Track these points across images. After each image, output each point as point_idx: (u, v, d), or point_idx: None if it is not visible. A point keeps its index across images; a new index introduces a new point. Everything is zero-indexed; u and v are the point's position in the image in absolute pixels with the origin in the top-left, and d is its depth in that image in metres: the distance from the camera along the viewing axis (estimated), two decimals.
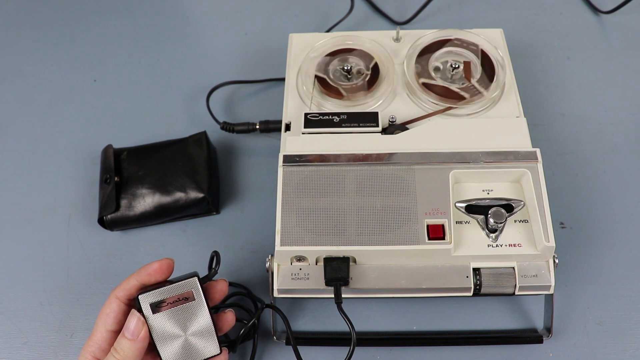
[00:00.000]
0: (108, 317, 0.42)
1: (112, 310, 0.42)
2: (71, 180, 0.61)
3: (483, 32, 0.57)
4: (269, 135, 0.63)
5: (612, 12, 0.72)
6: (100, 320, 0.42)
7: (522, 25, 0.72)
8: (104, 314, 0.42)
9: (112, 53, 0.73)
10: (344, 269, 0.44)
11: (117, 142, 0.60)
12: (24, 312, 0.53)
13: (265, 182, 0.60)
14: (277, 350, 0.50)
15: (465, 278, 0.44)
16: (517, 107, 0.52)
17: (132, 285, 0.43)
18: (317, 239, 0.44)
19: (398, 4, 0.75)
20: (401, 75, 0.55)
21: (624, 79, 0.67)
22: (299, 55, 0.57)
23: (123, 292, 0.42)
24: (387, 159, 0.47)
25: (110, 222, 0.55)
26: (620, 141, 0.61)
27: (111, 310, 0.42)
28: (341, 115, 0.51)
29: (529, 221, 0.46)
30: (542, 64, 0.68)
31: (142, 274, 0.43)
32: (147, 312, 0.41)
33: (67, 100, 0.68)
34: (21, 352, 0.51)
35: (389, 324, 0.51)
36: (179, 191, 0.55)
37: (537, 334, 0.49)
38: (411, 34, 0.59)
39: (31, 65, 0.72)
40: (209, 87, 0.66)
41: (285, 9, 0.76)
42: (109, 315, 0.42)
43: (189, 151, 0.57)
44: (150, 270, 0.43)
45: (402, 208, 0.45)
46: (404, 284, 0.45)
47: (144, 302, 0.41)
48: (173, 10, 0.77)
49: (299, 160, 0.48)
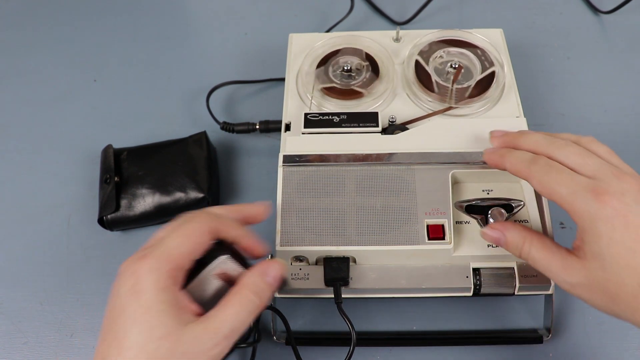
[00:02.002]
0: (197, 248, 0.37)
1: (203, 244, 0.37)
2: (71, 180, 0.61)
3: (483, 32, 0.57)
4: (269, 135, 0.63)
5: (612, 12, 0.72)
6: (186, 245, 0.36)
7: (522, 25, 0.73)
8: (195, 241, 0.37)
9: (112, 53, 0.73)
10: (344, 269, 0.44)
11: (117, 142, 0.60)
12: (24, 312, 0.53)
13: (265, 182, 0.60)
14: (277, 351, 0.50)
15: (465, 278, 0.44)
16: (517, 107, 0.52)
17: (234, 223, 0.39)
18: (317, 239, 0.44)
19: (398, 4, 0.75)
20: (401, 75, 0.55)
21: (624, 79, 0.67)
22: (299, 55, 0.57)
23: (224, 227, 0.39)
24: (387, 159, 0.47)
25: (110, 222, 0.55)
26: (620, 141, 0.61)
27: (202, 243, 0.37)
28: (341, 115, 0.51)
29: (529, 221, 0.46)
30: (542, 64, 0.68)
31: (246, 216, 0.40)
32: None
33: (67, 100, 0.68)
34: (21, 352, 0.51)
35: (389, 324, 0.51)
36: (179, 191, 0.55)
37: (537, 334, 0.49)
38: (411, 34, 0.59)
39: (31, 65, 0.72)
40: (209, 87, 0.66)
41: (285, 9, 0.76)
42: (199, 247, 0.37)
43: (189, 151, 0.57)
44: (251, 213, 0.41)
45: (402, 208, 0.45)
46: (404, 284, 0.45)
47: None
48: (173, 10, 0.77)
49: (299, 160, 0.48)
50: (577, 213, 0.36)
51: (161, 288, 0.35)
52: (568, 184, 0.36)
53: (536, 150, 0.40)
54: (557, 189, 0.37)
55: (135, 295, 0.34)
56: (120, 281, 0.36)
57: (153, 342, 0.33)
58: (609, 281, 0.35)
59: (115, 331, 0.34)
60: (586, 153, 0.38)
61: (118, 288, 0.36)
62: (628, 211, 0.34)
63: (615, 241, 0.34)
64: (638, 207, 0.35)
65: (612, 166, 0.37)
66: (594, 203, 0.35)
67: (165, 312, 0.34)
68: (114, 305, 0.36)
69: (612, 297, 0.35)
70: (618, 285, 0.35)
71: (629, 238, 0.34)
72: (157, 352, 0.33)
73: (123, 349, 0.33)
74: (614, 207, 0.35)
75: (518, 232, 0.40)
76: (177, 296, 0.35)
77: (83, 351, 0.51)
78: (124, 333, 0.34)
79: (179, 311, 0.35)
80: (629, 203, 0.35)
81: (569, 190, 0.36)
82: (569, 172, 0.37)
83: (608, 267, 0.35)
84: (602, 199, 0.35)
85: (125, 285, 0.35)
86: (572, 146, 0.39)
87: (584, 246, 0.36)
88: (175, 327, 0.34)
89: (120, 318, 0.35)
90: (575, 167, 0.38)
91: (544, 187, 0.38)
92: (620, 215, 0.34)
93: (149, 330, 0.34)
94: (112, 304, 0.36)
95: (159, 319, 0.34)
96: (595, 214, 0.35)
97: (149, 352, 0.33)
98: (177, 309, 0.35)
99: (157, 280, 0.35)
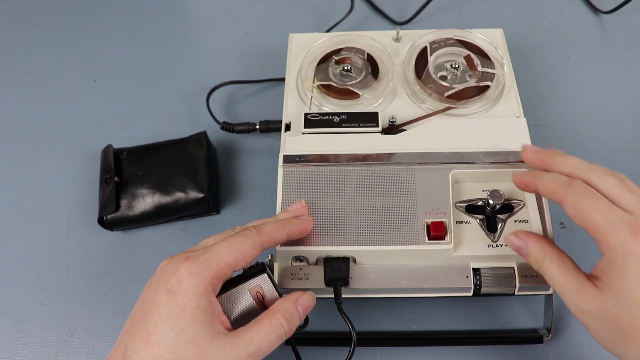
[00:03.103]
0: (242, 262, 0.38)
1: (248, 259, 0.38)
2: (71, 180, 0.61)
3: (483, 32, 0.57)
4: (269, 135, 0.63)
5: (612, 12, 0.72)
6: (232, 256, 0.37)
7: (522, 25, 0.72)
8: (242, 255, 0.37)
9: (112, 53, 0.73)
10: (344, 269, 0.44)
11: (117, 142, 0.60)
12: (24, 312, 0.53)
13: (265, 182, 0.60)
14: (277, 350, 0.50)
15: (465, 278, 0.44)
16: (517, 107, 0.52)
17: (280, 239, 0.41)
18: (317, 239, 0.44)
19: (398, 4, 0.75)
20: (401, 75, 0.55)
21: (624, 79, 0.67)
22: (299, 55, 0.57)
23: (269, 244, 0.40)
24: (387, 159, 0.47)
25: (110, 222, 0.55)
26: (620, 141, 0.61)
27: (249, 257, 0.38)
28: (341, 115, 0.51)
29: (529, 221, 0.46)
30: (542, 64, 0.68)
31: (292, 232, 0.42)
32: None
33: (67, 100, 0.68)
34: (21, 352, 0.51)
35: (389, 324, 0.51)
36: (179, 191, 0.55)
37: (537, 334, 0.49)
38: (411, 34, 0.59)
39: (31, 65, 0.72)
40: (209, 87, 0.66)
41: (285, 9, 0.76)
42: (244, 260, 0.38)
43: (189, 151, 0.57)
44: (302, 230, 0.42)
45: (402, 208, 0.45)
46: (404, 284, 0.45)
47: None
48: (173, 10, 0.77)
49: (299, 160, 0.48)
50: (609, 245, 0.35)
51: (199, 293, 0.35)
52: (606, 213, 0.36)
53: (573, 173, 0.39)
54: (593, 216, 0.36)
55: (173, 294, 0.35)
56: (159, 277, 0.36)
57: (182, 343, 0.34)
58: (622, 319, 0.34)
59: (146, 324, 0.35)
60: (625, 187, 0.37)
61: (156, 283, 0.36)
62: None
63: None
64: None
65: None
66: (630, 238, 0.34)
67: (198, 317, 0.35)
68: (147, 299, 0.36)
69: (621, 335, 0.35)
70: (631, 325, 0.34)
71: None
72: (184, 354, 0.34)
73: (151, 343, 0.34)
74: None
75: (541, 246, 0.39)
76: (212, 304, 0.36)
77: (83, 351, 0.51)
78: (155, 328, 0.34)
79: (212, 319, 0.36)
80: None
81: (605, 220, 0.35)
82: (608, 202, 0.36)
83: (626, 304, 0.34)
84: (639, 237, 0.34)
85: (164, 283, 0.36)
86: (612, 176, 0.38)
87: (606, 278, 0.35)
88: (206, 334, 0.35)
89: (152, 313, 0.35)
90: (614, 198, 0.37)
91: (579, 212, 0.37)
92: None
93: (179, 331, 0.34)
94: (145, 297, 0.36)
95: (191, 323, 0.34)
96: (629, 249, 0.34)
97: (176, 352, 0.34)
98: (210, 317, 0.35)
99: (196, 284, 0.35)
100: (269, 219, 0.43)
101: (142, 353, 0.34)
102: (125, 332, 0.36)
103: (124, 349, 0.35)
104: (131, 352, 0.34)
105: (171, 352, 0.34)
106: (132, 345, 0.35)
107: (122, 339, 0.36)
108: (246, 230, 0.39)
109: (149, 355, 0.34)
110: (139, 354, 0.34)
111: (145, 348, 0.34)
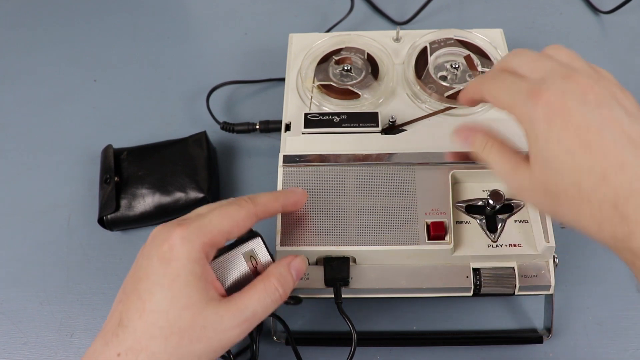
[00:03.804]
0: (235, 230, 0.37)
1: (242, 228, 0.38)
2: (71, 180, 0.61)
3: (483, 32, 0.57)
4: (269, 135, 0.63)
5: (612, 12, 0.72)
6: (226, 224, 0.37)
7: (522, 25, 0.72)
8: (235, 223, 0.37)
9: (112, 53, 0.73)
10: (344, 269, 0.44)
11: (117, 142, 0.60)
12: (24, 312, 0.53)
13: (265, 182, 0.60)
14: (277, 351, 0.50)
15: (465, 278, 0.44)
16: None
17: (275, 210, 0.41)
18: (317, 239, 0.44)
19: (398, 4, 0.75)
20: (401, 75, 0.55)
21: (624, 79, 0.66)
22: (299, 55, 0.57)
23: (264, 215, 0.39)
24: (387, 159, 0.47)
25: (110, 222, 0.55)
26: None
27: (242, 227, 0.38)
28: (341, 115, 0.51)
29: (529, 221, 0.46)
30: None
31: (286, 205, 0.42)
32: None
33: (67, 100, 0.68)
34: (21, 352, 0.51)
35: (389, 324, 0.51)
36: (179, 191, 0.55)
37: (537, 334, 0.49)
38: (411, 34, 0.58)
39: (31, 65, 0.72)
40: (209, 87, 0.66)
41: (285, 9, 0.76)
42: (237, 229, 0.38)
43: (189, 151, 0.57)
44: (295, 203, 0.42)
45: (402, 208, 0.45)
46: (404, 284, 0.45)
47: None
48: (173, 10, 0.77)
49: (299, 160, 0.48)
50: (518, 117, 0.35)
51: (192, 259, 0.35)
52: (510, 89, 0.35)
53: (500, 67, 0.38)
54: (501, 96, 0.36)
55: (165, 261, 0.35)
56: (150, 245, 0.36)
57: (176, 310, 0.34)
58: (548, 182, 0.34)
59: (139, 292, 0.34)
60: (540, 58, 0.36)
61: (148, 251, 0.36)
62: (566, 110, 0.32)
63: (553, 141, 0.33)
64: (581, 107, 0.32)
65: (565, 68, 0.34)
66: (530, 104, 0.33)
67: (192, 283, 0.34)
68: (140, 267, 0.36)
69: (553, 199, 0.34)
70: (557, 186, 0.33)
71: (566, 137, 0.32)
72: (178, 321, 0.34)
73: (145, 312, 0.34)
74: (551, 106, 0.33)
75: (482, 135, 0.39)
76: (205, 270, 0.36)
77: (83, 351, 0.50)
78: (148, 295, 0.34)
79: (206, 285, 0.35)
80: (568, 102, 0.32)
81: (510, 95, 0.35)
82: (514, 79, 0.36)
83: (547, 167, 0.33)
84: (539, 99, 0.33)
85: (156, 250, 0.35)
86: (528, 53, 0.36)
87: (530, 150, 0.35)
88: (199, 300, 0.34)
89: (145, 281, 0.35)
90: (525, 73, 0.36)
91: (491, 97, 0.37)
92: (558, 114, 0.32)
93: (173, 298, 0.34)
94: (138, 265, 0.36)
95: (184, 289, 0.34)
96: (532, 114, 0.33)
97: (169, 319, 0.34)
98: (204, 283, 0.35)
99: (189, 250, 0.35)
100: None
101: (137, 322, 0.34)
102: (118, 300, 0.36)
103: (118, 318, 0.34)
104: (126, 320, 0.34)
105: (165, 319, 0.34)
106: (126, 313, 0.34)
107: (116, 308, 0.35)
108: (240, 200, 0.39)
109: (144, 323, 0.34)
110: (133, 323, 0.34)
111: (140, 317, 0.34)
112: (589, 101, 0.33)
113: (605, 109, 0.32)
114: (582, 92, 0.33)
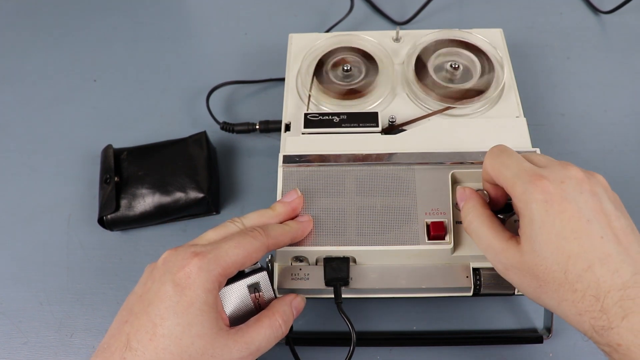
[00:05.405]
0: (247, 263, 0.38)
1: (254, 260, 0.39)
2: (71, 180, 0.61)
3: (483, 32, 0.57)
4: (269, 135, 0.63)
5: (612, 12, 0.72)
6: (241, 257, 0.38)
7: (522, 25, 0.72)
8: (249, 256, 0.38)
9: (112, 53, 0.73)
10: (344, 269, 0.44)
11: (117, 142, 0.60)
12: (24, 312, 0.53)
13: (265, 182, 0.60)
14: (277, 350, 0.50)
15: (465, 278, 0.44)
16: (517, 107, 0.52)
17: (284, 244, 0.42)
18: (317, 239, 0.44)
19: (398, 4, 0.75)
20: (401, 75, 0.55)
21: (624, 79, 0.67)
22: (299, 55, 0.57)
23: (274, 247, 0.41)
24: (387, 159, 0.47)
25: (110, 222, 0.55)
26: (620, 141, 0.61)
27: (254, 259, 0.39)
28: (341, 116, 0.51)
29: None
30: (542, 64, 0.68)
31: (295, 238, 0.43)
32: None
33: (67, 100, 0.68)
34: (21, 352, 0.51)
35: (389, 324, 0.51)
36: (179, 191, 0.55)
37: (537, 334, 0.49)
38: (411, 34, 0.59)
39: (31, 65, 0.72)
40: (209, 87, 0.66)
41: (285, 9, 0.76)
42: (249, 262, 0.38)
43: (189, 151, 0.57)
44: (303, 234, 0.43)
45: (402, 208, 0.45)
46: (404, 284, 0.45)
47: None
48: (173, 10, 0.77)
49: (299, 161, 0.48)
50: (516, 196, 0.36)
51: (207, 289, 0.35)
52: (514, 167, 0.37)
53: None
54: (503, 171, 0.37)
55: (180, 288, 0.35)
56: (164, 269, 0.36)
57: (189, 337, 0.34)
58: (538, 266, 0.34)
59: (150, 315, 0.35)
60: (546, 156, 0.39)
61: (161, 275, 0.36)
62: (564, 198, 0.34)
63: (547, 225, 0.34)
64: (578, 196, 0.34)
65: (564, 161, 0.37)
66: (530, 186, 0.35)
67: (205, 312, 0.35)
68: (150, 290, 0.36)
69: (540, 284, 0.35)
70: (545, 272, 0.34)
71: (560, 224, 0.34)
72: (190, 348, 0.34)
73: (157, 335, 0.34)
74: (550, 191, 0.34)
75: (474, 205, 0.40)
76: (217, 301, 0.37)
77: (83, 351, 0.51)
78: (161, 320, 0.34)
79: (216, 315, 0.36)
80: (566, 190, 0.34)
81: (513, 173, 0.36)
82: (519, 158, 0.37)
83: (538, 251, 0.34)
84: (539, 183, 0.35)
85: (171, 276, 0.36)
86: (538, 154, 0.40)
87: (521, 230, 0.36)
88: (211, 330, 0.35)
89: (158, 305, 0.35)
90: (530, 158, 0.38)
91: (493, 169, 0.38)
92: (556, 201, 0.34)
93: (187, 325, 0.34)
94: (147, 287, 0.36)
95: (198, 318, 0.35)
96: (530, 196, 0.35)
97: (182, 345, 0.34)
98: (215, 313, 0.36)
99: (205, 280, 0.35)
100: (265, 210, 0.43)
101: (148, 345, 0.34)
102: (124, 321, 0.36)
103: (125, 339, 0.34)
104: (135, 342, 0.34)
105: (177, 345, 0.34)
106: (134, 335, 0.34)
107: (121, 328, 0.35)
108: (254, 232, 0.39)
109: (155, 348, 0.34)
110: (143, 346, 0.34)
111: (150, 340, 0.34)
112: (584, 191, 0.35)
113: (597, 202, 0.34)
114: (579, 182, 0.35)
